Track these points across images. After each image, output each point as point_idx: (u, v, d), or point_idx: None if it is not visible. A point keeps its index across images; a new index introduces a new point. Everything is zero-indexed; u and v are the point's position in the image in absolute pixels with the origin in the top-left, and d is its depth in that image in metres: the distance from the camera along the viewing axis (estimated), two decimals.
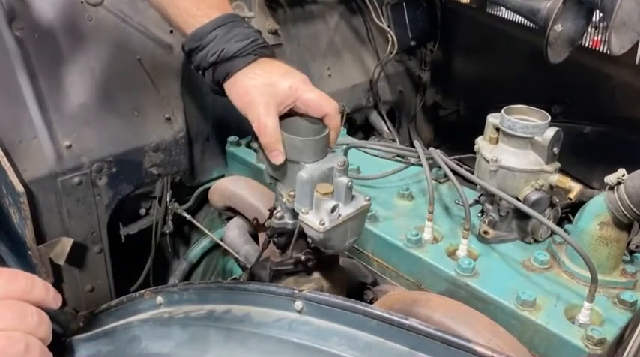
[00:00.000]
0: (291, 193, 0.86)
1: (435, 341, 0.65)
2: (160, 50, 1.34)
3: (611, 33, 1.08)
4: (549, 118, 1.08)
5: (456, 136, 1.44)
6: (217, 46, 0.88)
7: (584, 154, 1.48)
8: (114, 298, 0.92)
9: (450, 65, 2.06)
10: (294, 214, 0.87)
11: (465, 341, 0.64)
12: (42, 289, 0.66)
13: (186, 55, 0.94)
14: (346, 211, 0.83)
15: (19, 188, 1.06)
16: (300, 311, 0.73)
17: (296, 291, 0.74)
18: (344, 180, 0.83)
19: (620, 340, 0.93)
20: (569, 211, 1.21)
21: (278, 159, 0.85)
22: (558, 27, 1.21)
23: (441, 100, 2.14)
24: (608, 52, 1.25)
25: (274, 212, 0.90)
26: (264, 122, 0.85)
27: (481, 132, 1.16)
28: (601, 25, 1.47)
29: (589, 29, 1.44)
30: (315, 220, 0.80)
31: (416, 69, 2.09)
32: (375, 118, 1.95)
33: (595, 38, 1.54)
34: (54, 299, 0.68)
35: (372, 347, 0.68)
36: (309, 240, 0.87)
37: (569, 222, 1.15)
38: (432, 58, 2.08)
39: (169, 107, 1.34)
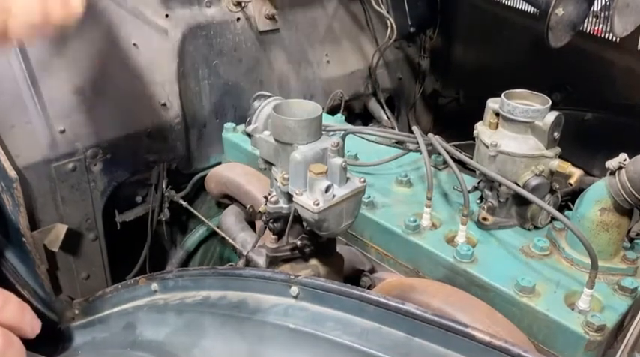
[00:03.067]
0: (285, 176, 0.84)
1: (433, 326, 0.64)
2: (156, 35, 1.32)
3: (614, 14, 1.06)
4: (550, 103, 1.06)
5: (456, 123, 1.43)
6: None
7: (585, 142, 1.47)
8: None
9: (450, 52, 2.04)
10: (289, 198, 0.86)
11: (463, 326, 0.62)
12: (14, 311, 0.58)
13: None
14: (341, 192, 0.81)
15: (12, 174, 1.05)
16: (296, 297, 0.72)
17: (292, 276, 0.73)
18: (338, 160, 0.81)
19: (621, 327, 0.92)
20: (569, 199, 1.19)
21: None
22: (560, 11, 1.19)
23: (441, 87, 2.12)
24: (610, 37, 1.24)
25: (269, 197, 0.89)
26: None
27: (481, 119, 1.15)
28: (602, 14, 1.45)
29: (590, 19, 1.43)
30: (309, 201, 0.79)
31: (415, 56, 2.07)
32: (373, 105, 1.93)
33: (596, 28, 1.53)
34: (29, 324, 0.59)
35: (368, 333, 0.67)
36: (305, 224, 0.86)
37: (570, 210, 1.14)
38: (432, 45, 2.06)
39: (165, 93, 1.33)
